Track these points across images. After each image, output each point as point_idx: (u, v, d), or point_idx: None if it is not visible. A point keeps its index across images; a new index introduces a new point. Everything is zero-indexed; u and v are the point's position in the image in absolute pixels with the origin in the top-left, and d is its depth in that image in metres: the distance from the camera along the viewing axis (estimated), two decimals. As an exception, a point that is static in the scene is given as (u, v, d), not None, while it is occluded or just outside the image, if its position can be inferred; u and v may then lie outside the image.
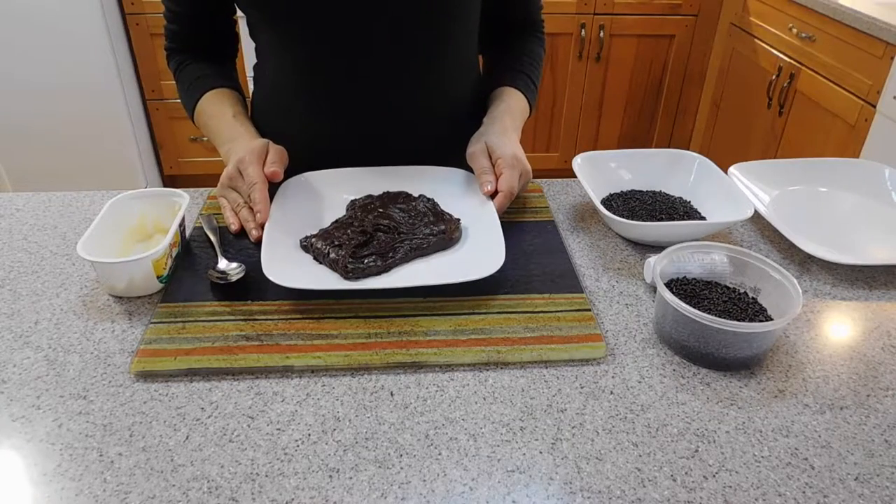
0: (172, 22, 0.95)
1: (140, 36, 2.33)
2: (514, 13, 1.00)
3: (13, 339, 0.66)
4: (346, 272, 0.70)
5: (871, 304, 0.73)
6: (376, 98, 0.89)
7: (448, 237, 0.76)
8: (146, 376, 0.61)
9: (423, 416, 0.57)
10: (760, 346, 0.62)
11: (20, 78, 2.23)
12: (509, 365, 0.63)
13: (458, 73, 0.94)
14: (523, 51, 1.00)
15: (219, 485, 0.51)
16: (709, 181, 0.88)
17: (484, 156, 0.83)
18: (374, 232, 0.75)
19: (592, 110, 2.64)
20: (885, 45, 1.66)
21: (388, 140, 0.92)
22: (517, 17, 1.01)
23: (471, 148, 0.86)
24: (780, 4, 2.10)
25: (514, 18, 1.01)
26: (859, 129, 1.76)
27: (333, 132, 0.92)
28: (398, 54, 0.87)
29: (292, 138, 0.86)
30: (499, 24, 0.99)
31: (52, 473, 0.52)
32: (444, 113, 0.95)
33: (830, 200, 0.92)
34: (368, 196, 0.84)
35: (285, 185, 0.84)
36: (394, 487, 0.51)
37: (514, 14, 1.00)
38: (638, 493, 0.51)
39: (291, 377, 0.61)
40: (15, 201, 0.90)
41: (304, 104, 0.91)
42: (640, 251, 0.81)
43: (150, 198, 0.79)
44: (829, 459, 0.54)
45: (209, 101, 0.91)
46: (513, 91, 0.95)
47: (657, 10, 2.45)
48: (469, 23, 0.92)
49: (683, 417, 0.58)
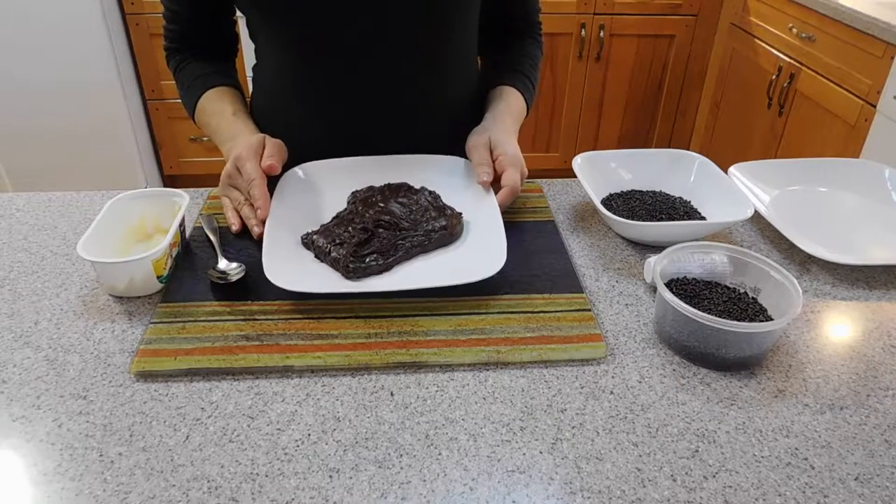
0: (172, 22, 0.94)
1: (140, 36, 2.33)
2: (513, 14, 1.00)
3: (13, 339, 0.65)
4: (347, 271, 0.70)
5: (871, 304, 0.73)
6: (376, 99, 0.89)
7: (450, 232, 0.76)
8: (146, 376, 0.61)
9: (423, 416, 0.57)
10: (760, 346, 0.62)
11: (20, 78, 2.23)
12: (509, 365, 0.63)
13: (458, 74, 0.95)
14: (522, 53, 1.00)
15: (219, 485, 0.51)
16: (709, 181, 0.88)
17: (486, 149, 0.83)
18: (375, 229, 0.75)
19: (592, 110, 2.64)
20: (885, 45, 1.66)
21: (388, 140, 0.92)
22: (516, 18, 1.01)
23: (473, 139, 0.86)
24: (780, 4, 2.10)
25: (513, 20, 1.01)
26: (859, 129, 1.76)
27: (332, 133, 0.92)
28: (398, 55, 0.87)
29: (292, 138, 0.86)
30: (498, 26, 0.99)
31: (52, 473, 0.52)
32: (444, 113, 0.95)
33: (830, 200, 0.92)
34: (370, 188, 0.83)
35: (285, 176, 0.84)
36: (394, 487, 0.51)
37: (513, 15, 1.01)
38: (638, 493, 0.51)
39: (291, 377, 0.61)
40: (15, 201, 0.90)
41: (304, 105, 0.91)
42: (640, 251, 0.81)
43: (150, 198, 0.79)
44: (829, 459, 0.54)
45: (209, 99, 0.91)
46: (512, 91, 0.95)
47: (657, 10, 2.45)
48: (469, 24, 0.92)
49: (683, 417, 0.58)
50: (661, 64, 2.58)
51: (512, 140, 0.86)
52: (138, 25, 2.30)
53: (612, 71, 2.56)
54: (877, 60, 1.69)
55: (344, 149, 0.91)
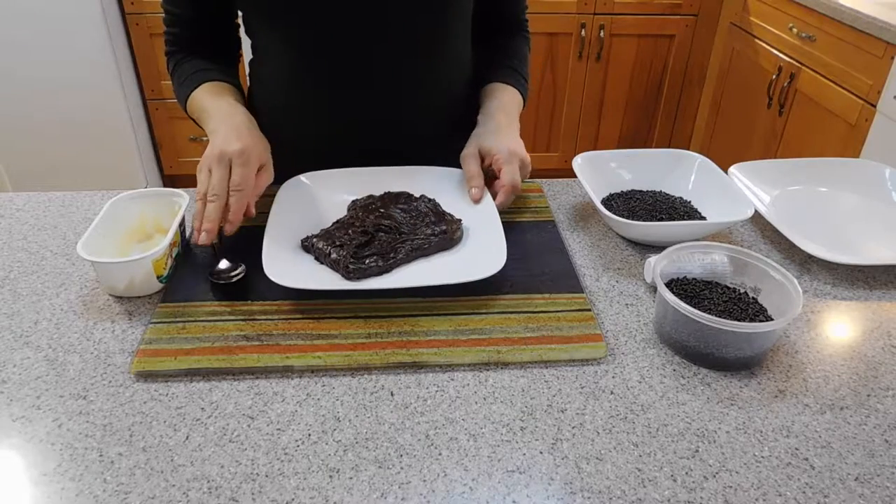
0: (172, 25, 0.93)
1: (140, 36, 2.32)
2: (501, 12, 1.02)
3: (13, 339, 0.65)
4: (347, 272, 0.70)
5: (871, 304, 0.73)
6: (374, 96, 0.90)
7: (449, 237, 0.76)
8: (146, 376, 0.61)
9: (424, 416, 0.57)
10: (761, 346, 0.62)
11: (20, 77, 2.23)
12: (509, 365, 0.63)
13: (455, 71, 0.95)
14: (510, 48, 1.02)
15: (219, 485, 0.51)
16: (709, 181, 0.88)
17: (475, 160, 0.84)
18: (375, 232, 0.75)
19: (592, 110, 2.64)
20: (885, 45, 1.66)
21: (386, 137, 0.92)
22: (504, 16, 1.03)
23: (464, 151, 0.87)
24: (780, 4, 2.10)
25: (502, 17, 1.03)
26: (859, 129, 1.76)
27: (330, 126, 0.92)
28: (397, 53, 0.87)
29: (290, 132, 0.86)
30: (486, 23, 1.00)
31: (52, 473, 0.52)
32: (442, 111, 0.96)
33: (830, 200, 0.92)
34: (370, 196, 0.84)
35: (286, 185, 0.84)
36: (394, 487, 0.51)
37: (502, 13, 1.02)
38: (638, 494, 0.51)
39: (291, 377, 0.61)
40: (15, 201, 0.90)
41: (302, 99, 0.91)
42: (640, 251, 0.81)
43: (150, 198, 0.79)
44: (829, 459, 0.54)
45: (206, 89, 0.87)
46: (504, 86, 0.96)
47: (657, 10, 2.45)
48: (465, 21, 0.93)
49: (684, 417, 0.58)
50: (661, 64, 2.58)
51: (505, 136, 0.86)
52: (138, 25, 2.30)
53: (612, 71, 2.56)
54: (877, 60, 1.69)
55: (341, 145, 0.91)
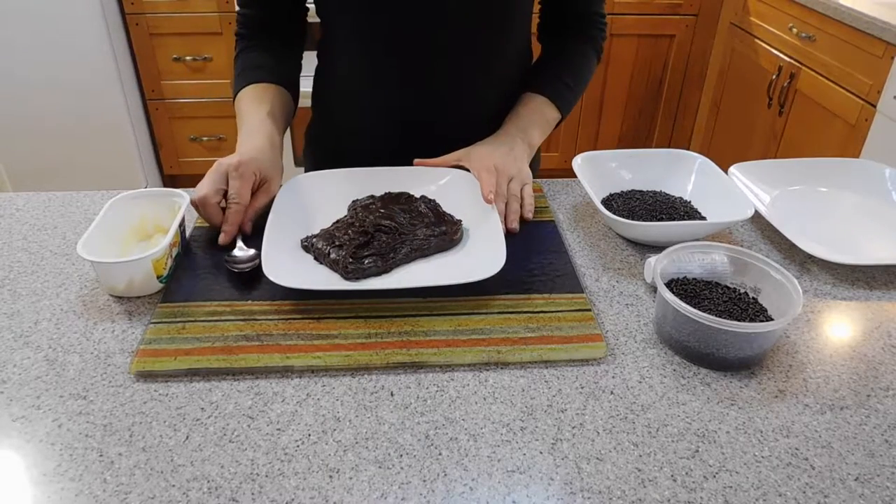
0: (245, 6, 0.96)
1: (140, 36, 2.32)
2: (567, 10, 0.99)
3: (13, 339, 0.65)
4: (346, 272, 0.70)
5: (871, 304, 0.73)
6: (437, 85, 0.92)
7: (449, 238, 0.76)
8: (146, 376, 0.61)
9: (424, 417, 0.57)
10: (761, 347, 0.62)
11: (20, 77, 2.23)
12: (509, 365, 0.63)
13: (515, 69, 0.97)
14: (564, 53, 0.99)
15: (219, 485, 0.51)
16: (709, 181, 0.88)
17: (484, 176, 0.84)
18: (374, 232, 0.75)
19: (592, 110, 2.64)
20: (885, 45, 1.66)
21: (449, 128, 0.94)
22: (571, 14, 0.99)
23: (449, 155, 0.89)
24: (780, 4, 2.10)
25: (568, 15, 1.00)
26: (859, 128, 1.76)
27: (391, 118, 0.94)
28: (458, 44, 0.89)
29: (351, 125, 0.88)
30: (556, 17, 1.00)
31: (52, 473, 0.52)
32: (500, 108, 0.96)
33: (830, 200, 0.92)
34: (370, 196, 0.84)
35: (286, 185, 0.84)
36: (394, 487, 0.51)
37: (568, 11, 0.99)
38: (638, 494, 0.51)
39: (291, 377, 0.61)
40: (15, 201, 0.90)
41: (366, 90, 0.93)
42: (640, 251, 0.81)
43: (150, 198, 0.79)
44: (829, 459, 0.54)
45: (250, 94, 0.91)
46: (531, 96, 0.96)
47: (657, 10, 2.45)
48: (527, 20, 0.95)
49: (684, 417, 0.58)
50: (661, 64, 2.58)
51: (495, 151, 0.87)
52: (138, 25, 2.30)
53: (613, 71, 2.56)
54: (877, 60, 1.69)
55: (404, 134, 0.94)
